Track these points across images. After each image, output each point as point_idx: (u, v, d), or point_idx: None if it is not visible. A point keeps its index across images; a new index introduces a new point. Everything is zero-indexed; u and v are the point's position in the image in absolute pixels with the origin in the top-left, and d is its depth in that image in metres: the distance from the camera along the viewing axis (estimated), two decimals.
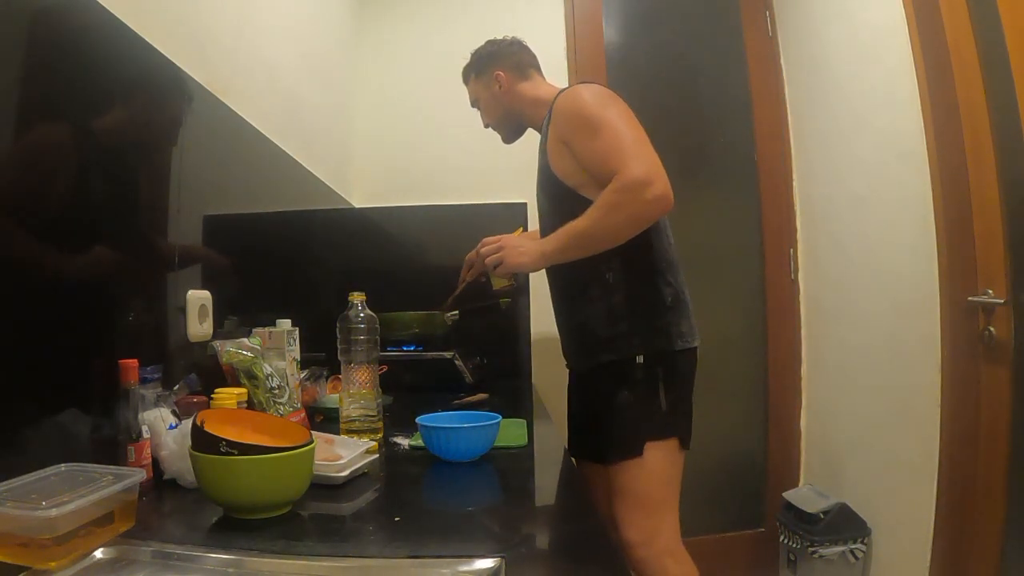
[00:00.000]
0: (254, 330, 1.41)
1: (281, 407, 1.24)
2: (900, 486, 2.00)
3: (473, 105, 1.82)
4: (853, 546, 2.08)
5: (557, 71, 2.69)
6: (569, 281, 1.58)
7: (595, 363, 1.52)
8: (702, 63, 2.80)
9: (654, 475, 1.42)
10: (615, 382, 1.45)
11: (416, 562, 0.71)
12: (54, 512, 0.63)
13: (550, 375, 2.49)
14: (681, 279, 1.52)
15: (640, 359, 1.43)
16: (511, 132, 1.79)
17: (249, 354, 1.25)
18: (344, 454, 1.05)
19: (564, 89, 1.57)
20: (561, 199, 1.51)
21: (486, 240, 1.57)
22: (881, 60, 2.05)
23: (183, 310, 1.21)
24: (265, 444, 0.86)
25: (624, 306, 1.46)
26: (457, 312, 1.94)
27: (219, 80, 1.37)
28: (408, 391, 1.88)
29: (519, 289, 2.47)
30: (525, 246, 1.49)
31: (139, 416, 0.94)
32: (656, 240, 1.49)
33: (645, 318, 1.46)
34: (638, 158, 1.34)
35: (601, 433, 1.49)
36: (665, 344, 1.45)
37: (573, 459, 1.54)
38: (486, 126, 1.81)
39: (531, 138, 2.62)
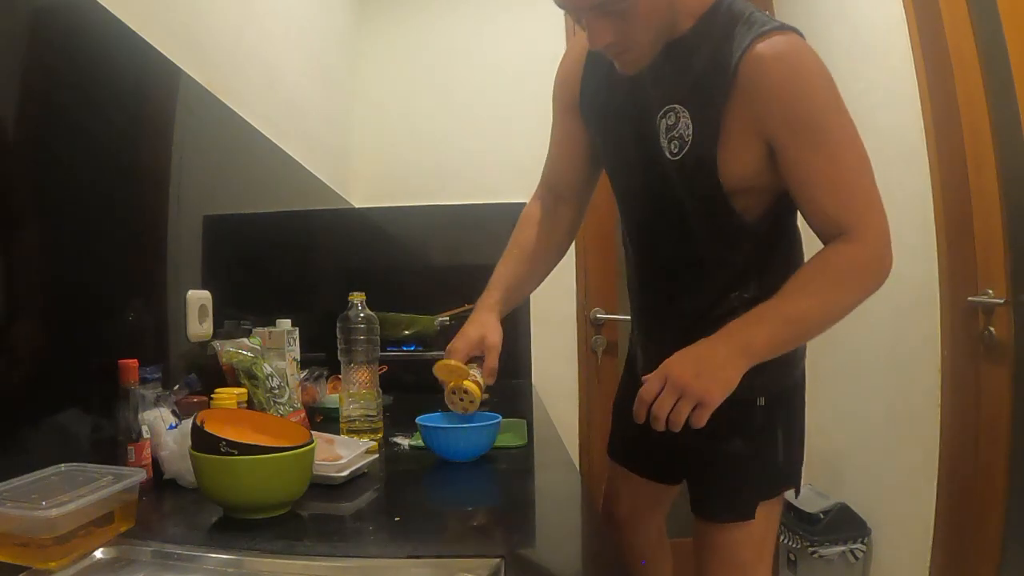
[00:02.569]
0: (254, 330, 1.41)
1: (281, 407, 1.24)
2: (900, 486, 2.00)
3: (591, 7, 0.95)
4: (853, 546, 2.08)
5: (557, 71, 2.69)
6: (688, 301, 1.14)
7: None
8: None
9: (757, 537, 1.15)
10: (727, 426, 1.07)
11: (416, 562, 0.71)
12: (54, 512, 0.63)
13: (550, 375, 2.50)
14: None
15: (762, 401, 1.10)
16: (647, 52, 1.01)
17: (249, 354, 1.25)
18: (344, 454, 1.05)
19: (757, 29, 0.95)
20: (708, 204, 1.04)
21: (647, 391, 0.97)
22: (881, 59, 2.05)
23: (183, 310, 1.21)
24: (265, 444, 0.86)
25: None
26: (448, 319, 1.93)
27: (219, 80, 1.36)
28: (408, 391, 1.88)
29: None
30: (707, 361, 0.95)
31: (139, 416, 0.94)
32: (798, 256, 1.13)
33: None
34: (877, 212, 0.99)
35: (703, 483, 1.19)
36: (788, 379, 1.14)
37: (615, 461, 1.39)
38: (597, 45, 0.98)
39: (528, 134, 2.63)
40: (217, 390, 1.11)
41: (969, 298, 1.73)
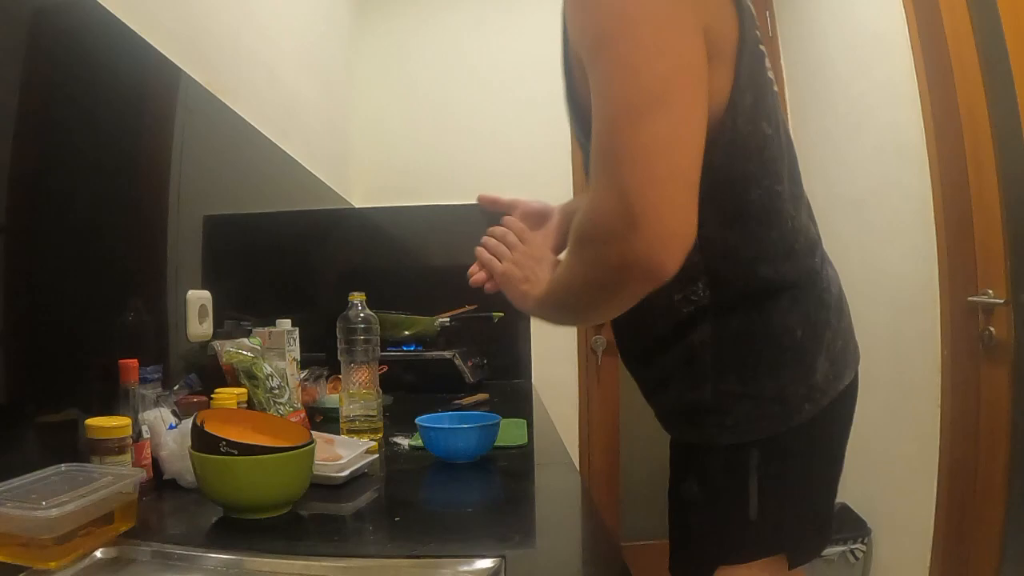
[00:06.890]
0: (254, 330, 1.41)
1: (281, 407, 1.24)
2: (900, 486, 2.00)
3: None
4: (853, 546, 2.08)
5: (556, 71, 2.69)
6: (634, 315, 0.78)
7: (677, 437, 0.92)
8: None
9: None
10: (684, 464, 0.89)
11: (416, 562, 0.71)
12: (54, 512, 0.63)
13: (550, 375, 2.50)
14: (829, 274, 0.91)
15: (727, 440, 0.82)
16: None
17: (249, 354, 1.25)
18: (344, 454, 1.05)
19: None
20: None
21: (496, 230, 1.02)
22: (881, 60, 2.05)
23: (183, 310, 1.21)
24: (265, 444, 0.86)
25: (709, 353, 0.81)
26: (448, 320, 1.93)
27: (219, 80, 1.37)
28: (408, 391, 1.88)
29: None
30: (535, 278, 0.91)
31: (139, 416, 0.94)
32: (771, 223, 0.80)
33: (746, 371, 0.80)
34: (629, 172, 0.60)
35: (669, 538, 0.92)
36: (777, 419, 0.80)
37: None
38: None
39: (528, 134, 2.63)
40: (217, 390, 1.11)
41: (969, 298, 1.73)
